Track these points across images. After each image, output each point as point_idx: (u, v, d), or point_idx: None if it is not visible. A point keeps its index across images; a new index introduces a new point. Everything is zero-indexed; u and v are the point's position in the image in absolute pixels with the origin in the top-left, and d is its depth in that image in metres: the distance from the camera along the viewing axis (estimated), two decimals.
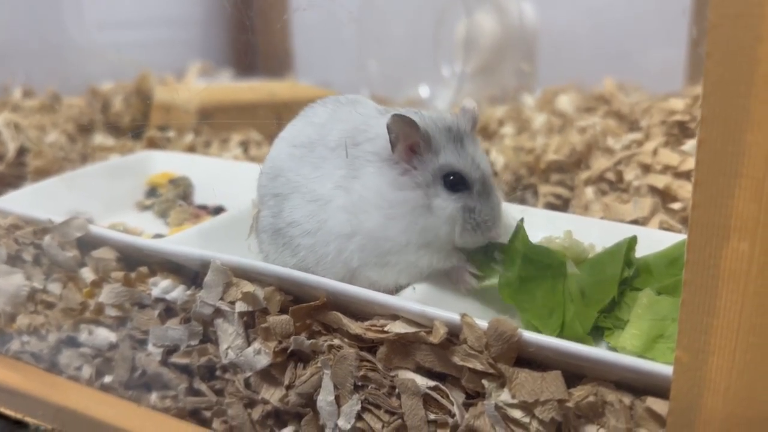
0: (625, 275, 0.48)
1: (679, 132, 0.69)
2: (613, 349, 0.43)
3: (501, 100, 1.06)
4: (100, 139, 0.95)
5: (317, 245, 0.48)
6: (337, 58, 1.23)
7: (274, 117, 0.98)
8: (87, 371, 0.55)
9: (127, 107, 1.02)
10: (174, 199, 0.69)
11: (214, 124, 0.92)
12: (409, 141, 0.47)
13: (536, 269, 0.46)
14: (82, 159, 0.83)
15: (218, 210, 0.69)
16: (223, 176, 0.72)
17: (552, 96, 0.94)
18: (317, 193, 0.49)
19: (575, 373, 0.39)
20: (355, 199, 0.47)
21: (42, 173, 0.76)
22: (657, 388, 0.36)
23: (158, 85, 1.04)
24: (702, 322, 0.32)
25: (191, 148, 0.85)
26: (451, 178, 0.47)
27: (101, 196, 0.69)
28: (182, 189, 0.71)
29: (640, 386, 0.37)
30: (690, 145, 0.65)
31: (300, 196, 0.50)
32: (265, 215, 0.52)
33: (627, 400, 0.37)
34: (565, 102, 0.89)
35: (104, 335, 0.54)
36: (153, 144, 0.85)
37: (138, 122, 1.01)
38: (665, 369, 0.35)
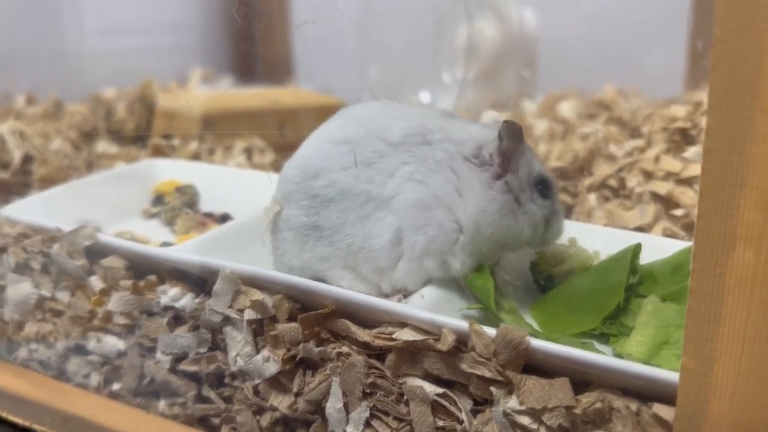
0: (630, 282, 0.48)
1: (680, 139, 0.69)
2: (619, 355, 0.44)
3: (502, 106, 1.07)
4: (104, 146, 0.95)
5: (372, 236, 0.49)
6: (338, 64, 1.24)
7: (277, 124, 0.99)
8: (95, 379, 0.56)
9: (130, 114, 1.02)
10: (180, 206, 0.70)
11: (219, 131, 0.93)
12: (511, 147, 0.48)
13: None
14: (88, 166, 0.83)
15: (224, 218, 0.70)
16: (229, 184, 0.73)
17: (553, 102, 0.95)
18: (373, 193, 0.49)
19: (582, 379, 0.39)
20: (437, 193, 0.48)
21: (47, 181, 0.77)
22: (663, 394, 0.36)
23: (161, 92, 1.04)
24: (708, 329, 0.32)
25: (196, 156, 0.85)
26: (541, 186, 0.50)
27: (108, 204, 0.69)
28: (188, 197, 0.71)
29: (646, 392, 0.38)
30: (692, 151, 0.66)
31: (353, 198, 0.49)
32: (294, 214, 0.52)
33: (633, 406, 0.37)
34: (567, 108, 0.90)
35: (113, 343, 0.54)
36: (158, 152, 0.86)
37: (141, 130, 1.02)
38: (671, 375, 0.35)
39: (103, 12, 1.26)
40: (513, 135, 0.48)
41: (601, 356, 0.38)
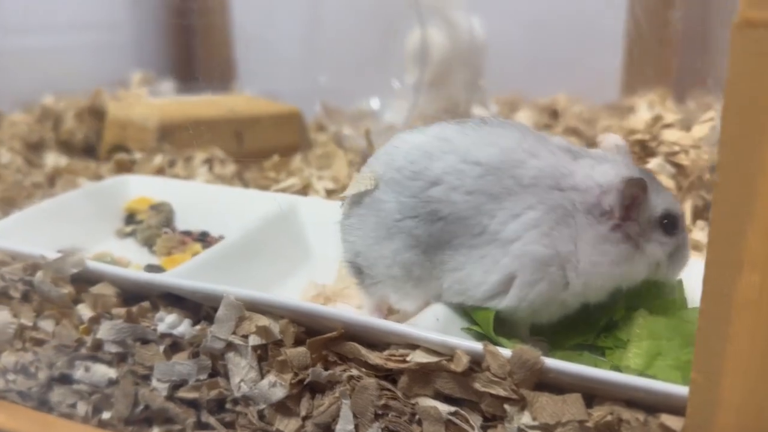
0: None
1: (640, 150, 0.73)
2: (617, 367, 0.46)
3: (453, 113, 1.09)
4: (54, 158, 0.92)
5: (476, 267, 0.47)
6: (282, 67, 1.23)
7: (234, 133, 0.98)
8: (82, 408, 0.54)
9: (79, 124, 0.99)
10: (157, 225, 0.68)
11: (176, 142, 0.91)
12: (636, 201, 0.47)
13: None
14: (49, 182, 0.80)
15: (203, 235, 0.69)
16: (201, 200, 0.72)
17: (508, 111, 0.97)
18: (491, 228, 0.47)
19: (586, 393, 0.41)
20: (559, 249, 0.46)
21: (6, 202, 0.73)
22: (665, 405, 0.39)
23: (112, 100, 1.01)
24: (717, 347, 0.35)
25: (159, 170, 0.83)
26: (666, 222, 0.48)
27: (80, 225, 0.67)
28: (164, 215, 0.70)
29: (647, 403, 0.40)
30: (654, 163, 0.69)
31: (467, 227, 0.47)
32: (385, 203, 0.49)
33: (641, 417, 0.40)
34: (523, 118, 0.92)
35: (102, 371, 0.53)
36: (122, 167, 0.83)
37: (91, 140, 0.99)
38: (681, 390, 0.38)
39: (24, 8, 1.20)
40: (635, 194, 0.46)
41: (615, 373, 0.40)
